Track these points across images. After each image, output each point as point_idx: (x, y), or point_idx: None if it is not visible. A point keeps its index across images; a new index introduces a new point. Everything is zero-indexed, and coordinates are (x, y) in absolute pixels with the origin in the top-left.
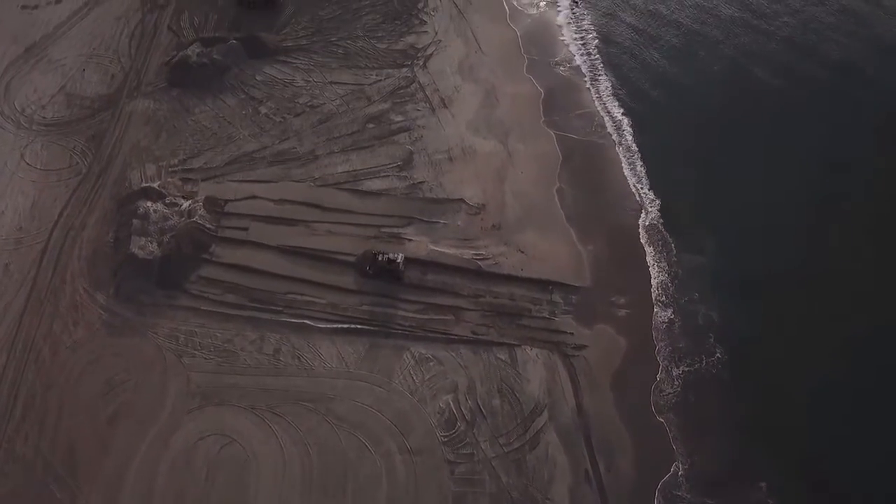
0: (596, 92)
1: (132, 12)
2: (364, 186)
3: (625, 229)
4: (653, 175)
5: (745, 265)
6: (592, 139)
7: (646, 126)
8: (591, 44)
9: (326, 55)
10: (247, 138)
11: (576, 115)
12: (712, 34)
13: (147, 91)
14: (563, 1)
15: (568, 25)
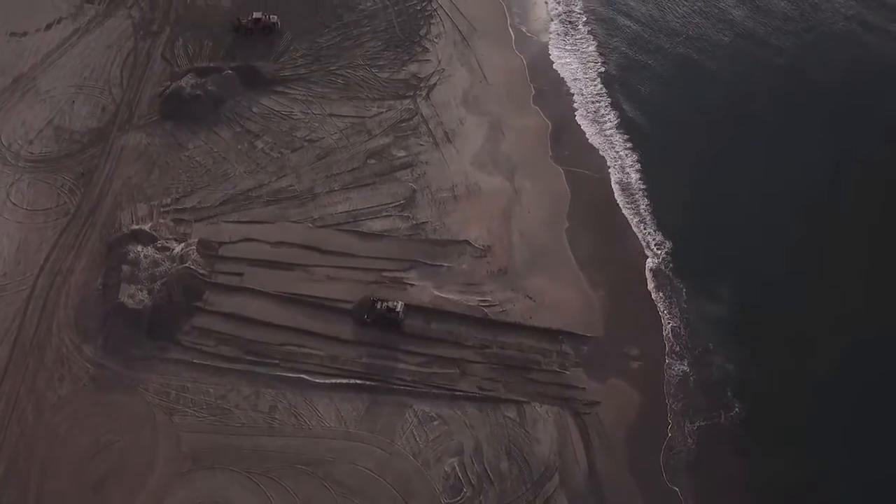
0: (606, 125)
1: (124, 39)
2: (365, 227)
3: (636, 273)
4: (662, 215)
5: (761, 311)
6: (603, 176)
7: (655, 162)
8: (600, 72)
9: (326, 85)
10: (242, 175)
11: (585, 150)
12: (722, 67)
13: (139, 124)
14: (570, 27)
15: (575, 52)
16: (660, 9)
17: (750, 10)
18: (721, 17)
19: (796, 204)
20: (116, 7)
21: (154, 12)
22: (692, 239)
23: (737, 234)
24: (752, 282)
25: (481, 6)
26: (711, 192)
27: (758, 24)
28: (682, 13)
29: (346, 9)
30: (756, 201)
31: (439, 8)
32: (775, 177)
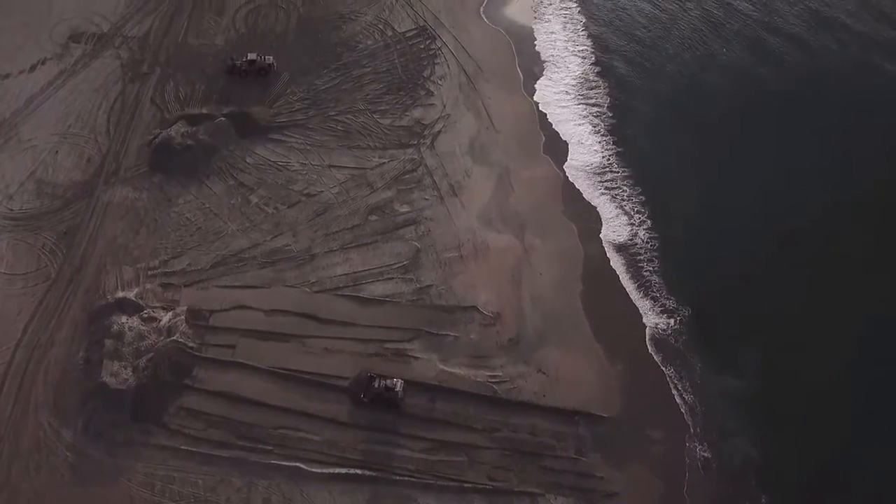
0: (620, 178)
1: (112, 83)
2: (365, 292)
3: (657, 344)
4: (680, 277)
5: (788, 388)
6: (619, 234)
7: (669, 219)
8: (612, 118)
9: (324, 133)
10: (235, 234)
11: (601, 204)
12: (737, 125)
13: (126, 177)
14: (580, 68)
15: (587, 97)
16: (679, 63)
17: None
18: (744, 68)
19: (826, 275)
20: (104, 46)
21: (143, 52)
22: (712, 304)
23: (755, 296)
24: (776, 349)
25: (488, 45)
26: (735, 254)
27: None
28: (702, 69)
29: (346, 48)
30: (773, 260)
31: (443, 47)
32: (800, 242)
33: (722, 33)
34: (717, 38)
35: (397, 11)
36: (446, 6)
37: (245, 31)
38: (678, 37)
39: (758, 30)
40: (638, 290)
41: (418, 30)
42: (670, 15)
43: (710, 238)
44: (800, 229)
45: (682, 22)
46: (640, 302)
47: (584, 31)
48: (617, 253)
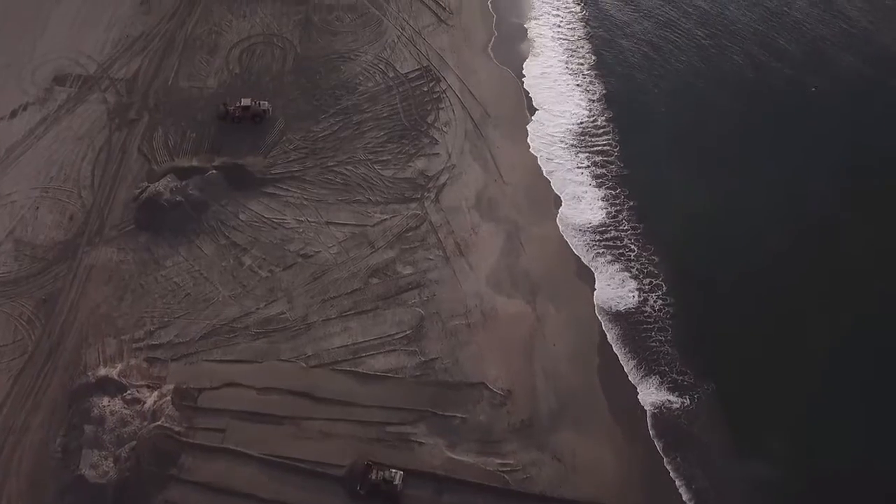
0: (628, 235)
1: (97, 131)
2: (365, 366)
3: (675, 424)
4: (705, 346)
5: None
6: (635, 300)
7: (687, 281)
8: (622, 174)
9: (322, 185)
10: (227, 300)
11: (616, 266)
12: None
13: (111, 236)
14: (588, 111)
15: (598, 144)
16: (691, 110)
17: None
18: (761, 118)
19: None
20: (90, 90)
21: (131, 95)
22: (730, 379)
23: (780, 370)
24: (805, 431)
25: (495, 87)
26: (755, 321)
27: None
28: (717, 117)
29: (346, 90)
30: (799, 328)
31: (448, 89)
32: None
33: (734, 84)
34: (732, 86)
35: (399, 50)
36: (451, 44)
37: (239, 71)
38: (688, 82)
39: (774, 73)
40: (657, 358)
41: (422, 70)
42: (681, 57)
43: (726, 303)
44: (834, 295)
45: (693, 65)
46: (660, 373)
47: (592, 70)
48: (637, 319)
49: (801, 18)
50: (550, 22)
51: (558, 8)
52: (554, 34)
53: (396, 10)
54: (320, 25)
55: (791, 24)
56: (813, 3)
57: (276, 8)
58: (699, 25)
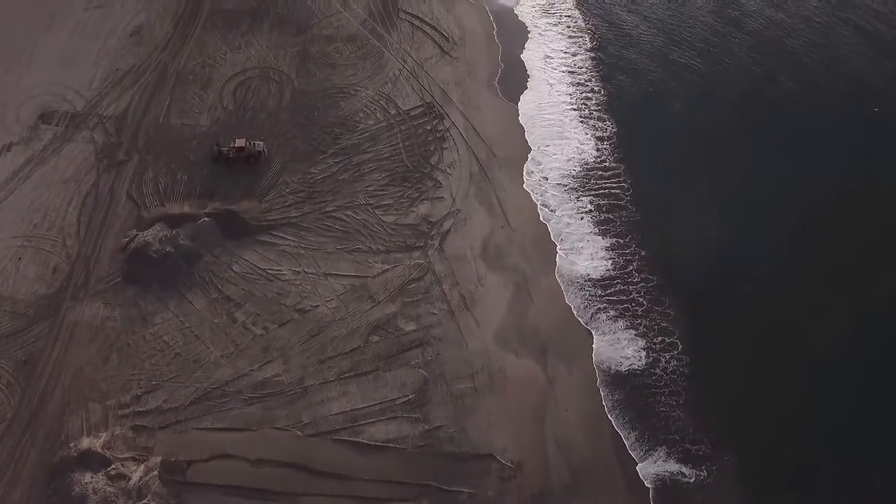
0: (646, 291)
1: (84, 172)
2: (365, 435)
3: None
4: (724, 413)
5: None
6: (642, 361)
7: (711, 340)
8: (632, 219)
9: (321, 233)
10: (219, 361)
11: (621, 323)
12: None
13: (97, 290)
14: (597, 154)
15: (606, 187)
16: (708, 153)
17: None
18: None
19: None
20: (77, 128)
21: (120, 135)
22: (753, 448)
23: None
24: None
25: (501, 124)
26: (783, 383)
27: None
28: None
29: (345, 129)
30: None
31: (452, 127)
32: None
33: (762, 123)
34: (760, 125)
35: (401, 85)
36: (455, 78)
37: (233, 107)
38: (707, 118)
39: (810, 107)
40: (653, 433)
41: (424, 107)
42: (697, 92)
43: (751, 363)
44: (885, 357)
45: (711, 101)
46: (653, 450)
47: (602, 107)
48: (629, 385)
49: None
50: (558, 55)
51: (567, 39)
52: (561, 67)
53: (398, 40)
54: (318, 58)
55: (815, 49)
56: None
57: (272, 39)
58: (714, 62)
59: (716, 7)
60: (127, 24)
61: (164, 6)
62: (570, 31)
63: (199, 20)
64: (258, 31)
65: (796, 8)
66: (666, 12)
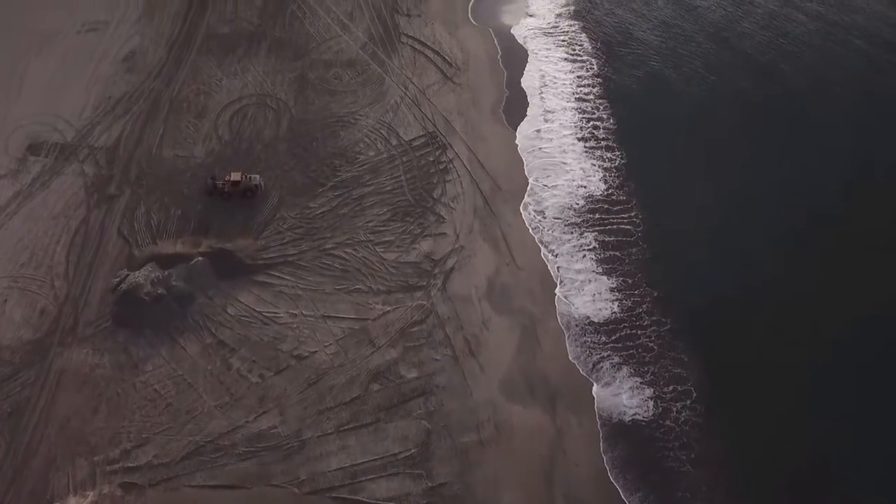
0: (656, 336)
1: (74, 207)
2: (366, 493)
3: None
4: (742, 470)
5: None
6: (650, 411)
7: (728, 388)
8: (643, 253)
9: (319, 272)
10: (213, 411)
11: (626, 370)
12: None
13: (85, 335)
14: (605, 187)
15: (615, 221)
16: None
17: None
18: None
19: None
20: (67, 160)
21: (112, 167)
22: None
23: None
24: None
25: (506, 156)
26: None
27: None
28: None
29: (345, 160)
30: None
31: (455, 158)
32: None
33: (788, 151)
34: (786, 154)
35: (402, 113)
36: (458, 106)
37: (229, 137)
38: (718, 148)
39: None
40: (663, 491)
41: (427, 137)
42: (712, 120)
43: (773, 412)
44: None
45: (728, 127)
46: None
47: (612, 136)
48: (633, 438)
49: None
50: (564, 81)
51: (573, 63)
52: (568, 94)
53: (399, 66)
54: (317, 84)
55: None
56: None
57: (269, 64)
58: (730, 88)
59: (727, 31)
60: (120, 49)
61: (158, 30)
62: (576, 56)
63: (193, 44)
64: (255, 55)
65: (814, 37)
66: (676, 37)
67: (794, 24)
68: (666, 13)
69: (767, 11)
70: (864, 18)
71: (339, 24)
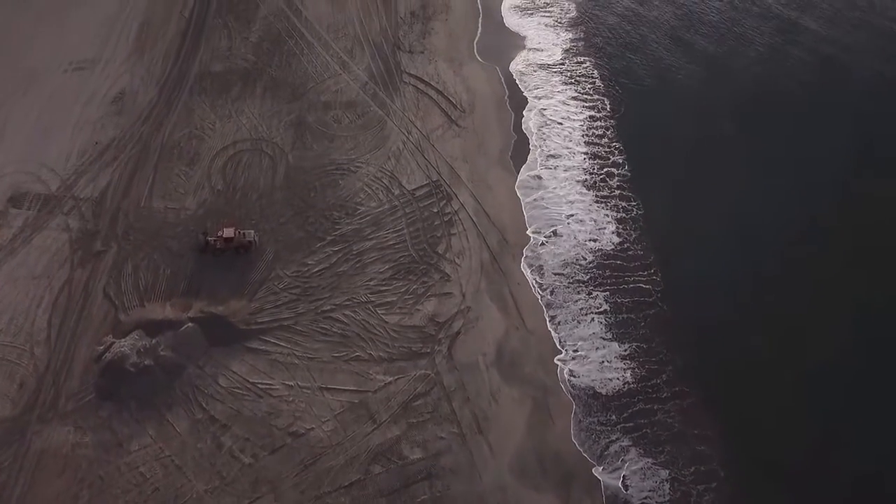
0: (678, 412)
1: (57, 267)
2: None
3: None
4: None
5: None
6: (679, 492)
7: (757, 461)
8: (662, 312)
9: (316, 338)
10: (202, 497)
11: (636, 451)
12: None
13: (66, 410)
14: (619, 240)
15: (634, 280)
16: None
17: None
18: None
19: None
20: (50, 213)
21: (98, 221)
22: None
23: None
24: None
25: (514, 206)
26: None
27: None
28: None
29: (344, 212)
30: None
31: (461, 209)
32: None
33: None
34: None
35: (405, 160)
36: (464, 152)
37: (222, 186)
38: (744, 203)
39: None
40: None
41: (431, 186)
42: (734, 169)
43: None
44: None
45: (751, 172)
46: None
47: (627, 183)
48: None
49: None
50: (575, 123)
51: (584, 103)
52: (579, 137)
53: (401, 108)
54: (315, 128)
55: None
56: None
57: (265, 106)
58: (759, 126)
59: (757, 69)
60: (109, 90)
61: (148, 69)
62: (587, 94)
63: (185, 84)
64: (250, 96)
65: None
66: (693, 76)
67: (836, 80)
68: (690, 53)
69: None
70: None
71: (339, 62)
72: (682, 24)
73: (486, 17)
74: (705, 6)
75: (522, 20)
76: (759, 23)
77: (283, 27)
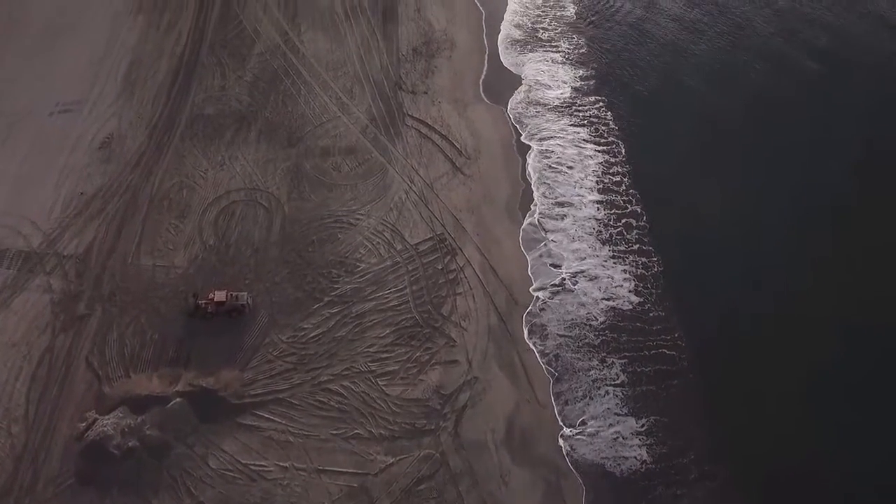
0: (712, 484)
1: (37, 333)
2: None
3: None
4: None
5: None
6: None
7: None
8: (687, 380)
9: (313, 413)
10: None
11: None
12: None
13: (45, 497)
14: (639, 301)
15: (656, 350)
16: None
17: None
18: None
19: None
20: (31, 271)
21: (82, 280)
22: None
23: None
24: None
25: (523, 262)
26: None
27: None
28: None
29: (343, 269)
30: None
31: (467, 265)
32: None
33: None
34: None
35: (407, 212)
36: (469, 203)
37: (214, 241)
38: (774, 259)
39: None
40: None
41: (435, 241)
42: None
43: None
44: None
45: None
46: None
47: (645, 237)
48: None
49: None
50: (588, 170)
51: (597, 148)
52: (592, 185)
53: (403, 153)
54: (313, 176)
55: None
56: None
57: (260, 151)
58: (788, 173)
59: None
60: (96, 134)
61: (137, 111)
62: (601, 138)
63: (176, 128)
64: (244, 141)
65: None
66: (707, 118)
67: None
68: (713, 95)
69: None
70: None
71: (338, 103)
72: (704, 61)
73: (492, 54)
74: (726, 41)
75: (528, 56)
76: (791, 59)
77: (279, 65)
